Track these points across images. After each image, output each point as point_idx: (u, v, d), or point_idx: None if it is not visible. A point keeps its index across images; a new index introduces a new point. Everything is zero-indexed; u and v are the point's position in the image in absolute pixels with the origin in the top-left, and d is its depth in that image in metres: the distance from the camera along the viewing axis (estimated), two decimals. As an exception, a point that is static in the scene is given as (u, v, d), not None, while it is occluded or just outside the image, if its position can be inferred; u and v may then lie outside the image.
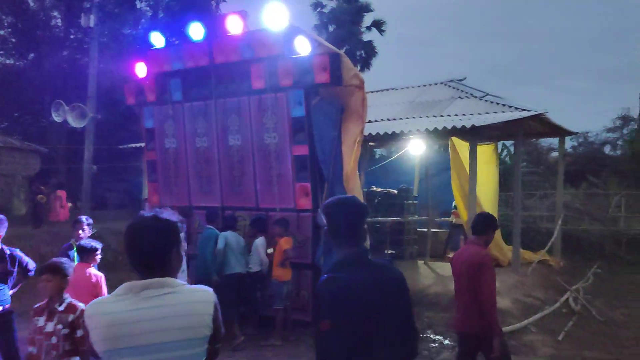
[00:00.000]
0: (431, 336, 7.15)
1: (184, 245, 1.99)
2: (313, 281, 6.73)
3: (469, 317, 4.01)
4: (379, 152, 20.41)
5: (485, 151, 12.85)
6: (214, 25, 7.26)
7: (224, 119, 7.45)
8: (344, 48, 33.09)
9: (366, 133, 9.48)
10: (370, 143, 12.04)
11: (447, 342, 6.89)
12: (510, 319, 7.98)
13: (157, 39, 7.68)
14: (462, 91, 12.27)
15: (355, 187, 7.01)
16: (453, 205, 12.47)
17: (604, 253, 13.41)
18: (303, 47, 6.60)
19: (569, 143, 39.81)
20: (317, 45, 6.70)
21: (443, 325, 7.55)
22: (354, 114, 6.79)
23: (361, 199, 7.44)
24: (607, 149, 37.69)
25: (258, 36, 6.97)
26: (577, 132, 13.07)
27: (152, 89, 7.89)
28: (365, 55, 34.47)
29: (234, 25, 6.96)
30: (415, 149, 12.95)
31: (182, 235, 2.01)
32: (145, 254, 1.84)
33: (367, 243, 7.13)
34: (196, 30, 7.28)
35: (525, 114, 9.81)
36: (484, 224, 4.18)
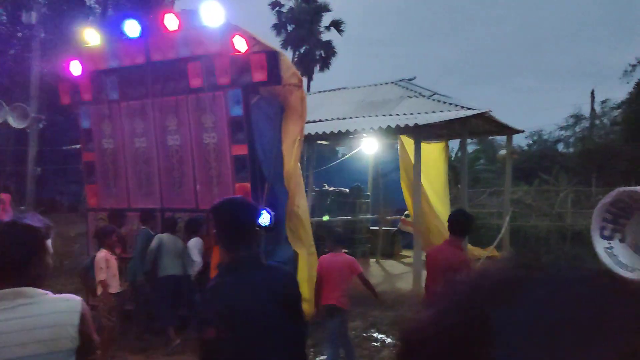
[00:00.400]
0: (374, 334, 7.16)
1: (50, 251, 1.85)
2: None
3: None
4: (340, 150, 20.49)
5: (434, 149, 13.02)
6: (150, 22, 7.07)
7: (162, 118, 7.27)
8: (304, 47, 33.08)
9: (319, 132, 9.49)
10: (322, 142, 12.03)
11: (389, 340, 6.91)
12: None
13: (92, 36, 7.43)
14: (411, 90, 12.39)
15: (296, 187, 6.96)
16: (405, 213, 12.57)
17: (550, 248, 13.79)
18: (240, 45, 6.49)
19: (524, 141, 40.91)
20: (255, 44, 6.60)
21: (388, 323, 7.59)
22: (293, 113, 6.72)
23: (304, 198, 7.41)
24: (560, 147, 38.90)
25: (194, 33, 6.83)
26: (523, 130, 13.36)
27: (88, 88, 7.63)
28: (325, 55, 34.48)
29: (170, 22, 6.79)
30: (368, 147, 13.02)
31: (48, 241, 1.89)
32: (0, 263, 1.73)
33: (310, 242, 7.02)
34: (132, 27, 7.08)
35: (469, 112, 9.97)
36: (466, 224, 4.21)
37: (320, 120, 11.55)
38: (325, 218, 12.01)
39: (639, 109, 23.44)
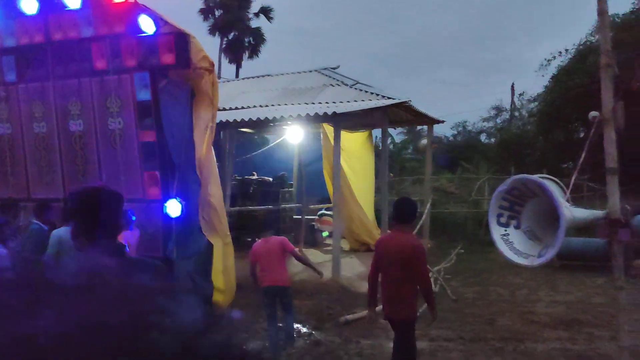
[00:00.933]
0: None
1: None
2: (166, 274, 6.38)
3: (408, 304, 4.19)
4: (271, 139, 20.20)
5: (358, 138, 13.12)
6: (49, -3, 6.55)
7: (63, 102, 6.78)
8: (232, 34, 32.34)
9: (239, 119, 9.24)
10: (244, 130, 11.79)
11: (304, 329, 6.88)
12: (371, 301, 8.21)
13: (-17, 11, 6.79)
14: (334, 79, 12.39)
15: (209, 175, 6.72)
16: (319, 213, 12.57)
17: (467, 234, 14.32)
18: (147, 25, 6.14)
19: (450, 132, 42.29)
20: (164, 25, 6.27)
21: (305, 312, 7.56)
22: (204, 98, 6.46)
23: (218, 186, 7.18)
24: (483, 137, 40.59)
25: (98, 12, 6.39)
26: (443, 120, 13.73)
27: (-20, 68, 6.99)
28: (254, 42, 33.88)
29: (70, -2, 6.32)
30: (293, 136, 12.91)
31: None
32: None
33: (225, 232, 6.84)
34: (28, 4, 6.53)
35: (389, 101, 10.08)
36: (410, 212, 4.29)
37: (242, 108, 11.31)
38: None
39: (552, 101, 24.76)
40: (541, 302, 8.32)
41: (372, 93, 11.12)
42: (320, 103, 10.94)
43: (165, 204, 6.34)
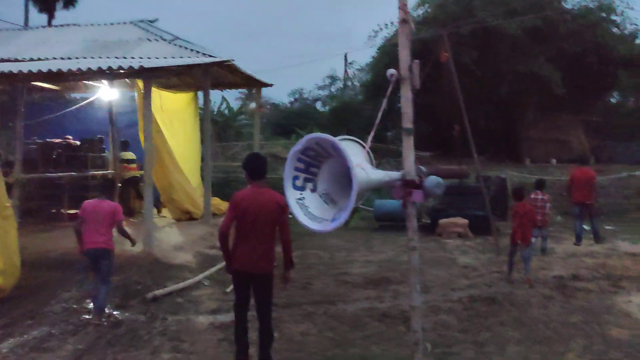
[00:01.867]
0: (90, 306, 6.28)
1: None
2: None
3: (268, 258, 4.32)
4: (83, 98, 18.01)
5: (181, 99, 12.26)
6: None
7: None
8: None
9: (25, 70, 7.81)
10: (42, 84, 10.22)
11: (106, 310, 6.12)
12: (187, 273, 7.67)
13: None
14: (152, 33, 11.29)
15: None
16: (122, 157, 11.53)
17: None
18: None
19: (286, 98, 42.79)
20: None
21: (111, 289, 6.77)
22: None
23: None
24: (319, 105, 41.70)
25: None
26: (271, 84, 13.41)
27: None
28: (69, -10, 30.09)
29: None
30: (106, 95, 11.60)
31: None
32: None
33: (3, 204, 5.73)
34: None
35: (207, 59, 9.42)
36: (263, 167, 4.36)
37: (39, 60, 9.71)
38: None
39: (378, 71, 26.05)
40: (356, 262, 8.58)
41: (191, 50, 10.31)
42: (133, 58, 9.85)
43: None
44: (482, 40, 22.41)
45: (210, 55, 10.07)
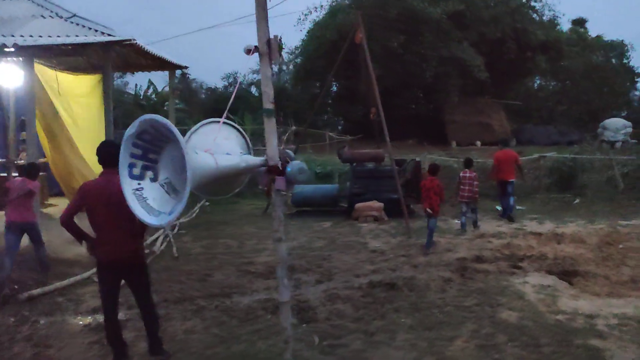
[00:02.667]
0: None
1: None
2: None
3: (132, 247, 4.09)
4: None
5: (84, 82, 11.46)
6: None
7: None
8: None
9: None
10: None
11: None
12: (78, 269, 7.14)
13: None
14: (47, 9, 10.38)
15: None
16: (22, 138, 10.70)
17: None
18: None
19: (221, 82, 41.73)
20: None
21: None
22: None
23: None
24: (254, 90, 40.96)
25: None
26: (187, 66, 12.83)
27: None
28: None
29: None
30: (6, 78, 10.62)
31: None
32: None
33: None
34: None
35: (103, 38, 8.72)
36: (116, 154, 3.62)
37: None
38: None
39: (308, 55, 25.74)
40: (265, 251, 8.29)
41: (89, 28, 9.54)
42: (22, 36, 9.00)
43: None
44: (408, 25, 22.54)
45: (109, 34, 9.36)
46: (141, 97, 31.09)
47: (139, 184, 3.00)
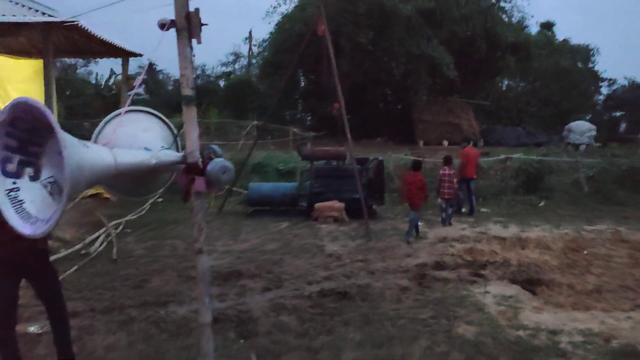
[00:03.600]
0: None
1: None
2: None
3: (20, 242, 3.28)
4: None
5: (25, 67, 10.68)
6: None
7: None
8: None
9: None
10: None
11: None
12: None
13: None
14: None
15: None
16: None
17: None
18: None
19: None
20: None
21: None
22: None
23: None
24: (222, 82, 40.05)
25: None
26: (141, 54, 12.14)
27: None
28: None
29: None
30: None
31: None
32: None
33: None
34: None
35: (46, 18, 8.02)
36: None
37: None
38: None
39: (275, 48, 25.07)
40: (214, 253, 7.71)
41: (29, 8, 8.79)
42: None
43: None
44: (378, 21, 22.13)
45: (49, 15, 8.63)
46: (102, 87, 29.96)
47: (14, 182, 2.42)
